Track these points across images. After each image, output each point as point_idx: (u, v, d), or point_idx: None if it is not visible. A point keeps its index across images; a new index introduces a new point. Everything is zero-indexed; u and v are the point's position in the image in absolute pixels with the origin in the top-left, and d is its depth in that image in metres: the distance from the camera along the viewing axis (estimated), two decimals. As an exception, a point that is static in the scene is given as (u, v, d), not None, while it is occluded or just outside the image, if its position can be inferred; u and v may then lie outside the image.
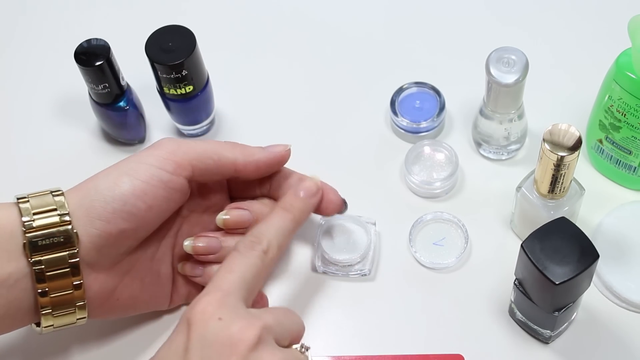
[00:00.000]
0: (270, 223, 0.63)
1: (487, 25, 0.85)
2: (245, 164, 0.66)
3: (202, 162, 0.64)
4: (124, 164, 0.63)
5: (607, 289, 0.69)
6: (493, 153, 0.76)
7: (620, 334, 0.68)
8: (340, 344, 0.69)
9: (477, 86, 0.72)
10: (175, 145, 0.64)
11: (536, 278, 0.60)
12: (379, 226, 0.73)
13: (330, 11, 0.87)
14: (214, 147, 0.66)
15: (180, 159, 0.64)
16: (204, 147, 0.65)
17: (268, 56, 0.85)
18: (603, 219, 0.72)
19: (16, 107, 0.83)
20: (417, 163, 0.76)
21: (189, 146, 0.65)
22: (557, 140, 0.62)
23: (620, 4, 0.83)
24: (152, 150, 0.64)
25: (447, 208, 0.74)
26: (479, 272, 0.71)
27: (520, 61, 0.68)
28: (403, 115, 0.77)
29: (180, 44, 0.71)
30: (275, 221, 0.63)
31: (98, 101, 0.75)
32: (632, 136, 0.69)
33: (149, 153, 0.64)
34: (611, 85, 0.68)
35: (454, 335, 0.69)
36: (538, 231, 0.61)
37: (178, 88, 0.73)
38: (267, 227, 0.62)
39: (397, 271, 0.72)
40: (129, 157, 0.64)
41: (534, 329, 0.67)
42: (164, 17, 0.82)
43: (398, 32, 0.85)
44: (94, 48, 0.72)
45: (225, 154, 0.65)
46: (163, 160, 0.63)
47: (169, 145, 0.64)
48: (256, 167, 0.67)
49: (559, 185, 0.65)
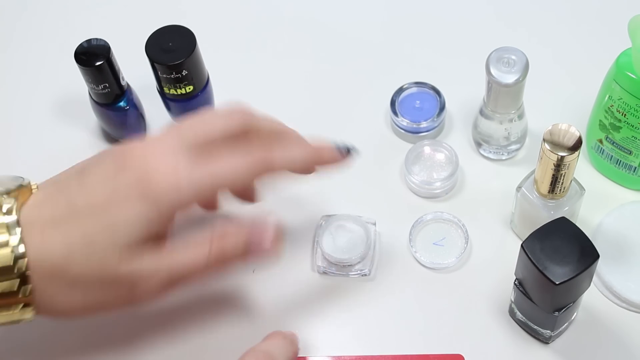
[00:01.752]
0: (280, 346, 0.61)
1: (487, 25, 0.85)
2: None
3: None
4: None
5: (607, 289, 0.69)
6: (493, 153, 0.77)
7: (620, 334, 0.68)
8: (340, 344, 0.69)
9: (477, 86, 0.72)
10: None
11: (536, 278, 0.60)
12: (379, 226, 0.73)
13: (330, 11, 0.87)
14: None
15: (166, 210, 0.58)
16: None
17: (268, 56, 0.85)
18: (603, 219, 0.72)
19: (16, 107, 0.83)
20: (417, 163, 0.76)
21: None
22: (557, 140, 0.62)
23: (620, 4, 0.83)
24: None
25: (447, 208, 0.74)
26: (479, 272, 0.71)
27: (520, 61, 0.68)
28: (403, 115, 0.77)
29: (180, 44, 0.71)
30: (283, 346, 0.62)
31: (98, 101, 0.75)
32: (632, 136, 0.69)
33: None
34: (611, 85, 0.68)
35: (454, 335, 0.69)
36: (538, 231, 0.61)
37: (178, 88, 0.73)
38: (277, 350, 0.61)
39: (397, 271, 0.72)
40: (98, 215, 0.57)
41: (534, 329, 0.67)
42: (164, 17, 0.82)
43: (398, 32, 0.86)
44: (94, 48, 0.72)
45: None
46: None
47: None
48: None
49: (559, 185, 0.65)
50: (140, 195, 0.57)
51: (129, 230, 0.57)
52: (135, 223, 0.57)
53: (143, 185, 0.57)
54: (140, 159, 0.58)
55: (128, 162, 0.58)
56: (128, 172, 0.58)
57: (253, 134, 0.62)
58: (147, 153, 0.58)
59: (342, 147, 0.64)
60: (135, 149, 0.59)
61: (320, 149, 0.64)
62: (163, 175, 0.57)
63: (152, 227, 0.58)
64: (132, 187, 0.57)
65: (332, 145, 0.64)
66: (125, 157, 0.59)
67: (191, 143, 0.59)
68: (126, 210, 0.57)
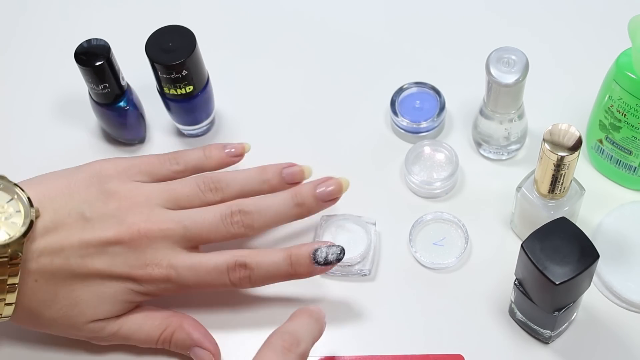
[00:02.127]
0: (306, 325, 0.61)
1: (487, 25, 0.85)
2: None
3: None
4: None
5: (607, 289, 0.69)
6: (493, 153, 0.77)
7: (620, 334, 0.68)
8: (340, 344, 0.69)
9: (477, 86, 0.72)
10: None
11: (536, 278, 0.60)
12: (379, 226, 0.73)
13: (330, 11, 0.87)
14: None
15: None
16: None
17: (268, 56, 0.85)
18: (603, 219, 0.72)
19: (16, 107, 0.83)
20: (417, 163, 0.76)
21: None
22: (557, 140, 0.62)
23: (620, 4, 0.83)
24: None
25: (447, 208, 0.74)
26: (479, 272, 0.71)
27: (520, 61, 0.68)
28: (403, 115, 0.77)
29: (180, 44, 0.71)
30: (308, 325, 0.61)
31: (98, 101, 0.75)
32: (632, 136, 0.69)
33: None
34: (611, 86, 0.68)
35: (454, 335, 0.69)
36: (538, 231, 0.61)
37: (178, 88, 0.73)
38: (302, 330, 0.60)
39: (397, 271, 0.72)
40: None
41: (534, 329, 0.67)
42: (164, 17, 0.82)
43: (398, 32, 0.85)
44: (94, 48, 0.72)
45: None
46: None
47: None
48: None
49: (559, 185, 0.65)
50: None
51: (109, 310, 0.65)
52: (119, 310, 0.66)
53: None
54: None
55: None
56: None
57: None
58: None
59: (321, 257, 0.66)
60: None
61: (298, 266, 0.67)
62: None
63: (132, 306, 0.67)
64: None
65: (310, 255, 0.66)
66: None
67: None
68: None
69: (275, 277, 0.66)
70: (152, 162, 0.69)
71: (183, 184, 0.68)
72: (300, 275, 0.66)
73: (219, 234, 0.66)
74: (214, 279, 0.65)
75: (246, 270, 0.65)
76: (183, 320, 0.67)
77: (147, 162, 0.69)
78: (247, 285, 0.66)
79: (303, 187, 0.68)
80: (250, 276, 0.65)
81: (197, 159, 0.70)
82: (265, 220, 0.67)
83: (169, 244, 0.65)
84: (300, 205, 0.67)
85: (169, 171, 0.69)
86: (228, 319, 0.70)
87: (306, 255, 0.65)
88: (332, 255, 0.65)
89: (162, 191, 0.67)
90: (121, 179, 0.66)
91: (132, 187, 0.66)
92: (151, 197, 0.66)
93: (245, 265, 0.65)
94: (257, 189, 0.68)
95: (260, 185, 0.69)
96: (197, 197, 0.67)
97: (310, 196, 0.68)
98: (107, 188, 0.65)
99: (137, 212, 0.65)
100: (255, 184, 0.68)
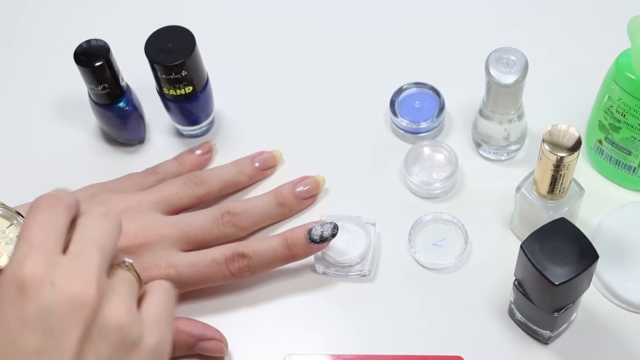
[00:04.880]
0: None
1: (486, 26, 0.85)
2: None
3: None
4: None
5: (607, 290, 0.69)
6: (493, 153, 0.77)
7: (620, 335, 0.68)
8: (340, 344, 0.69)
9: (477, 86, 0.72)
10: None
11: (536, 279, 0.60)
12: (378, 227, 0.73)
13: (330, 12, 0.87)
14: None
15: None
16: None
17: (268, 57, 0.85)
18: (603, 220, 0.72)
19: (16, 107, 0.83)
20: (416, 164, 0.76)
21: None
22: (557, 140, 0.62)
23: (620, 4, 0.83)
24: None
25: (447, 208, 0.74)
26: (478, 272, 0.71)
27: (519, 62, 0.68)
28: (403, 116, 0.77)
29: (179, 45, 0.71)
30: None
31: (98, 102, 0.75)
32: (632, 137, 0.69)
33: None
34: (611, 86, 0.68)
35: (454, 335, 0.69)
36: (538, 232, 0.61)
37: (178, 89, 0.73)
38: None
39: (396, 272, 0.72)
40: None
41: (534, 330, 0.67)
42: (163, 17, 0.82)
43: (398, 32, 0.85)
44: (94, 49, 0.72)
45: None
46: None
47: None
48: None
49: (559, 185, 0.65)
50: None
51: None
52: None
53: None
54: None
55: None
56: None
57: None
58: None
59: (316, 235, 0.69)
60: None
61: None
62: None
63: None
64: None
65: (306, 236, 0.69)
66: None
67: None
68: None
69: (274, 262, 0.68)
70: (134, 176, 0.74)
71: (170, 184, 0.72)
72: (298, 256, 0.68)
73: (212, 234, 0.69)
74: (214, 271, 0.67)
75: (244, 259, 0.67)
76: (176, 323, 0.67)
77: (130, 177, 0.74)
78: (247, 274, 0.67)
79: (283, 188, 0.74)
80: (250, 264, 0.67)
81: (173, 167, 0.75)
82: (252, 219, 0.71)
83: (167, 246, 0.67)
84: (282, 205, 0.73)
85: (152, 181, 0.73)
86: (228, 320, 0.70)
87: (301, 235, 0.68)
88: (327, 232, 0.68)
89: (151, 194, 0.70)
90: (112, 192, 0.70)
91: (122, 195, 0.69)
92: (143, 202, 0.69)
93: (243, 255, 0.67)
94: (236, 179, 0.74)
95: (238, 176, 0.74)
96: (185, 193, 0.71)
97: (290, 195, 0.73)
98: (100, 199, 0.68)
99: (132, 218, 0.67)
100: (233, 175, 0.74)
